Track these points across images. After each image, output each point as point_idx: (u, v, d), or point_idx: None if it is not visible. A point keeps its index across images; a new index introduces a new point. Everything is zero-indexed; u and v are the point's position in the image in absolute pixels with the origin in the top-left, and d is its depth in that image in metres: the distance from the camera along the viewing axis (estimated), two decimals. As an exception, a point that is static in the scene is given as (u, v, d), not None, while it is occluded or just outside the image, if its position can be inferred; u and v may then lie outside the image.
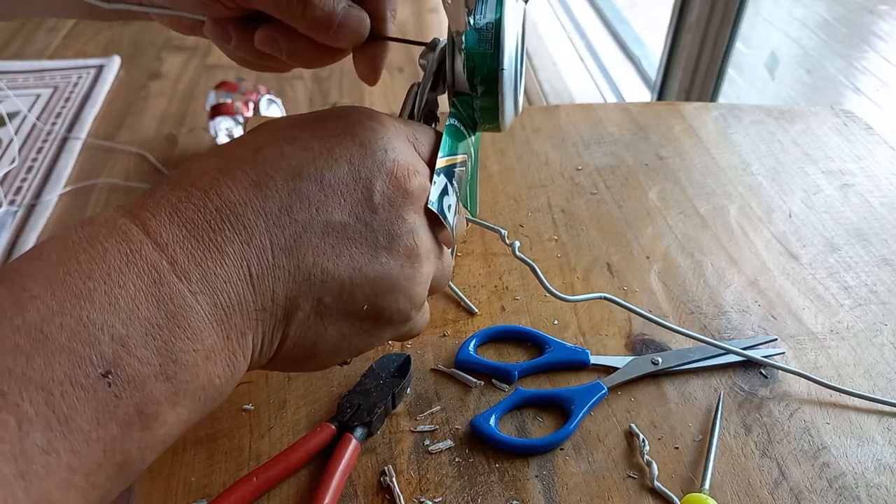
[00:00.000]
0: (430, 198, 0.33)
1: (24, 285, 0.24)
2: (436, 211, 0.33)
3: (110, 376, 0.24)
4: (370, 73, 0.38)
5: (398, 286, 0.32)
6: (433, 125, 0.38)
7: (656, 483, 0.40)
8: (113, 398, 0.24)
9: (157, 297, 0.25)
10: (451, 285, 0.54)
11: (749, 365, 0.48)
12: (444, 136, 0.36)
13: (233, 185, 0.28)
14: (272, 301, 0.29)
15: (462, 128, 0.37)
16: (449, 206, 0.35)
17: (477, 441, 0.43)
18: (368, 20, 0.36)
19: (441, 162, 0.35)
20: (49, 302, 0.23)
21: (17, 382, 0.22)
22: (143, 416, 0.25)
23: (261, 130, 0.31)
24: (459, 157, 0.37)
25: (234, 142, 0.31)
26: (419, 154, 0.34)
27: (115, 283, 0.25)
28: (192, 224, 0.27)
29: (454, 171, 0.36)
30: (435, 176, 0.34)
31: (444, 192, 0.35)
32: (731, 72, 1.38)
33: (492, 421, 0.43)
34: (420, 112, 0.38)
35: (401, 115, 0.38)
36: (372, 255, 0.31)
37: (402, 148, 0.32)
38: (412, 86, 0.39)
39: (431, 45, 0.38)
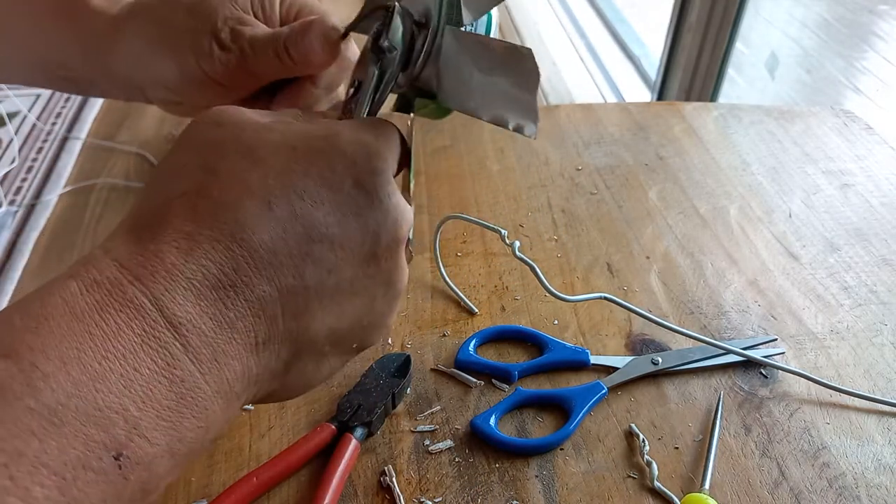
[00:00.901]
0: None
1: (34, 361, 0.23)
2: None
3: (122, 458, 0.23)
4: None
5: (384, 324, 0.33)
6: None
7: (656, 483, 0.40)
8: (122, 480, 0.24)
9: (170, 380, 0.25)
10: (451, 285, 0.54)
11: (749, 365, 0.48)
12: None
13: (247, 255, 0.27)
14: (275, 362, 0.28)
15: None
16: None
17: (477, 441, 0.43)
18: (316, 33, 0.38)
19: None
20: (63, 383, 0.23)
21: (28, 465, 0.21)
22: (145, 492, 0.25)
23: (253, 164, 0.28)
24: None
25: (233, 181, 0.28)
26: (394, 168, 0.33)
27: (131, 365, 0.24)
28: (206, 301, 0.26)
29: None
30: None
31: None
32: (731, 72, 1.38)
33: (492, 421, 0.43)
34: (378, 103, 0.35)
35: (353, 99, 0.36)
36: (370, 304, 0.31)
37: (394, 182, 0.31)
38: (363, 67, 0.35)
39: (382, 16, 0.33)
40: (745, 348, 0.48)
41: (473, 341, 0.49)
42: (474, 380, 0.47)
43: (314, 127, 0.30)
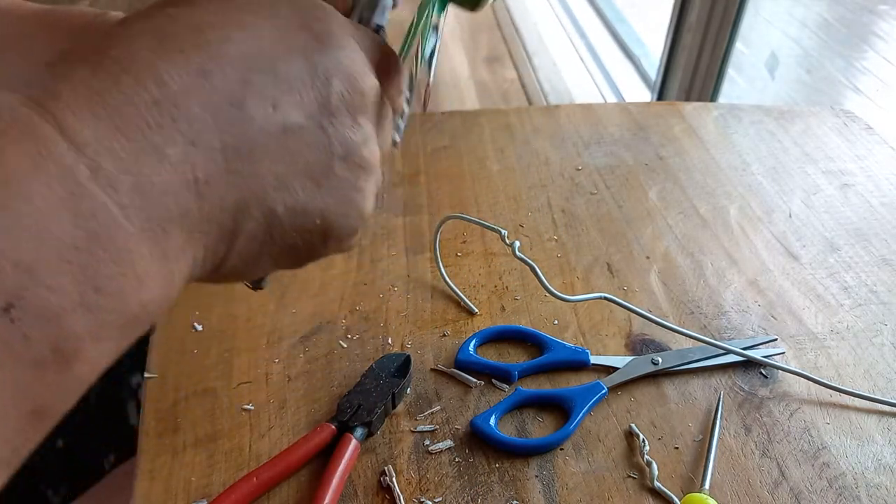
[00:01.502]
0: (423, 52, 0.34)
1: None
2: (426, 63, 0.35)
3: (13, 311, 0.19)
4: None
5: (352, 199, 0.29)
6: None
7: (656, 483, 0.40)
8: (20, 337, 0.19)
9: (75, 213, 0.20)
10: (451, 285, 0.54)
11: (749, 365, 0.48)
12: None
13: (174, 72, 0.22)
14: (220, 210, 0.24)
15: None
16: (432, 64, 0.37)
17: (477, 441, 0.43)
18: None
19: (434, 19, 0.35)
20: None
21: None
22: (60, 355, 0.20)
23: (199, 3, 0.25)
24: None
25: (164, 13, 0.25)
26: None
27: (18, 195, 0.19)
28: (122, 119, 0.21)
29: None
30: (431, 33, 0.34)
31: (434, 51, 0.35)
32: (731, 72, 1.38)
33: (492, 421, 0.43)
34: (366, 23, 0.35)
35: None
36: (327, 164, 0.27)
37: (356, 46, 0.28)
38: None
39: None
40: (745, 348, 0.48)
41: (473, 341, 0.49)
42: (474, 380, 0.47)
43: None
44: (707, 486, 0.40)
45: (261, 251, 0.27)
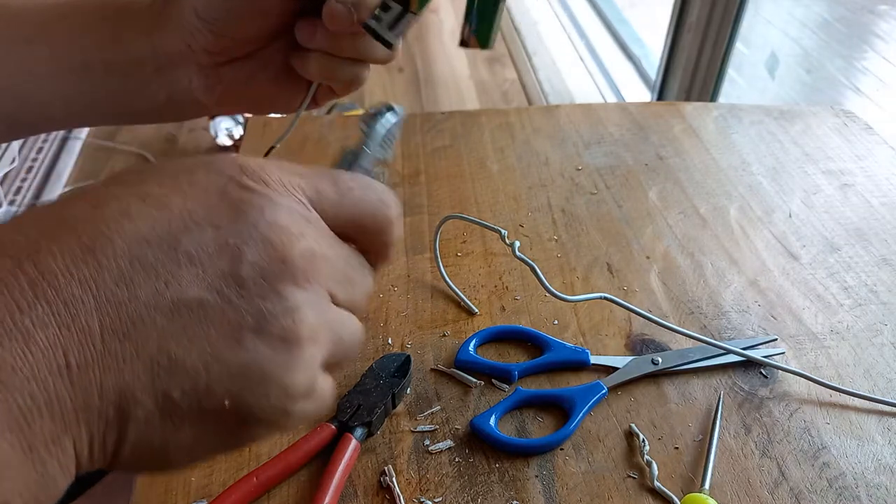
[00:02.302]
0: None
1: None
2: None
3: None
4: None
5: (269, 377, 0.25)
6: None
7: (656, 483, 0.40)
8: None
9: None
10: (451, 285, 0.54)
11: (749, 365, 0.48)
12: None
13: (57, 251, 0.21)
14: (99, 398, 0.22)
15: None
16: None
17: (477, 441, 0.43)
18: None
19: None
20: None
21: None
22: None
23: (114, 181, 0.25)
24: None
25: (74, 194, 0.24)
26: (322, 209, 0.27)
27: None
28: None
29: None
30: None
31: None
32: (731, 72, 1.38)
33: (492, 421, 0.43)
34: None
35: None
36: (235, 339, 0.24)
37: (289, 205, 0.25)
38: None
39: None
40: (745, 348, 0.48)
41: (473, 341, 0.49)
42: (474, 380, 0.47)
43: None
44: (707, 486, 0.40)
45: (165, 439, 0.24)
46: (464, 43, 0.41)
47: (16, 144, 2.03)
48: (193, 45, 0.41)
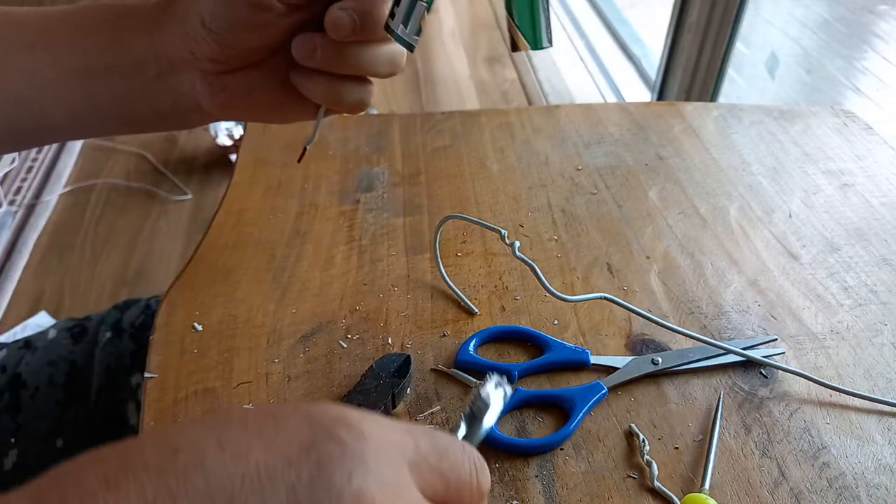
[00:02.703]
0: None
1: None
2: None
3: None
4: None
5: None
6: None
7: (656, 483, 0.40)
8: None
9: None
10: (451, 285, 0.54)
11: (749, 365, 0.48)
12: None
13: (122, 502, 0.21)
14: None
15: None
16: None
17: (477, 441, 0.43)
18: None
19: None
20: None
21: None
22: None
23: (203, 418, 0.24)
24: None
25: (160, 435, 0.23)
26: (420, 471, 0.25)
27: None
28: None
29: None
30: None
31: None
32: (731, 72, 1.38)
33: (492, 421, 0.43)
34: None
35: None
36: None
37: (380, 472, 0.23)
38: None
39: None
40: (745, 348, 0.48)
41: (473, 341, 0.49)
42: (474, 380, 0.47)
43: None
44: (707, 486, 0.40)
45: None
46: (514, 47, 0.40)
47: (16, 144, 2.03)
48: (197, 52, 0.41)
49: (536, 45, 0.39)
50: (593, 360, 0.48)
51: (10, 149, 0.48)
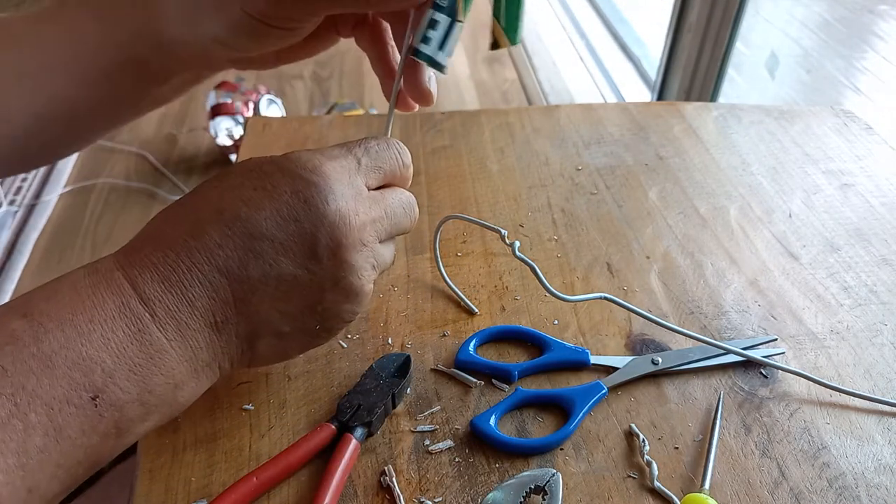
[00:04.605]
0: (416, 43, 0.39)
1: (41, 321, 0.30)
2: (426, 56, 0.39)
3: (98, 400, 0.30)
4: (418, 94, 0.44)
5: (345, 311, 0.38)
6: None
7: (656, 483, 0.40)
8: (97, 416, 0.30)
9: (140, 342, 0.32)
10: (451, 285, 0.54)
11: (749, 365, 0.48)
12: None
13: (201, 249, 0.33)
14: (236, 338, 0.35)
15: None
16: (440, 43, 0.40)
17: (477, 441, 0.43)
18: None
19: None
20: (59, 337, 0.30)
21: (27, 397, 0.28)
22: (119, 430, 0.32)
23: (221, 182, 0.36)
24: None
25: (201, 199, 0.36)
26: (366, 176, 0.39)
27: (109, 328, 0.31)
28: (168, 282, 0.33)
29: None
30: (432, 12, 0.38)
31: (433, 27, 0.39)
32: (731, 72, 1.38)
33: (492, 421, 0.43)
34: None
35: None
36: (319, 295, 0.36)
37: (342, 193, 0.36)
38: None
39: None
40: (745, 348, 0.48)
41: (473, 341, 0.49)
42: (474, 380, 0.47)
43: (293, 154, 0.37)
44: (707, 486, 0.40)
45: (279, 351, 0.38)
46: (495, 45, 0.41)
47: (16, 144, 2.03)
48: (218, 58, 0.44)
49: (515, 42, 0.41)
50: (593, 360, 0.48)
51: (44, 157, 0.51)
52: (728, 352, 0.48)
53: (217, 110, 1.86)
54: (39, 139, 0.46)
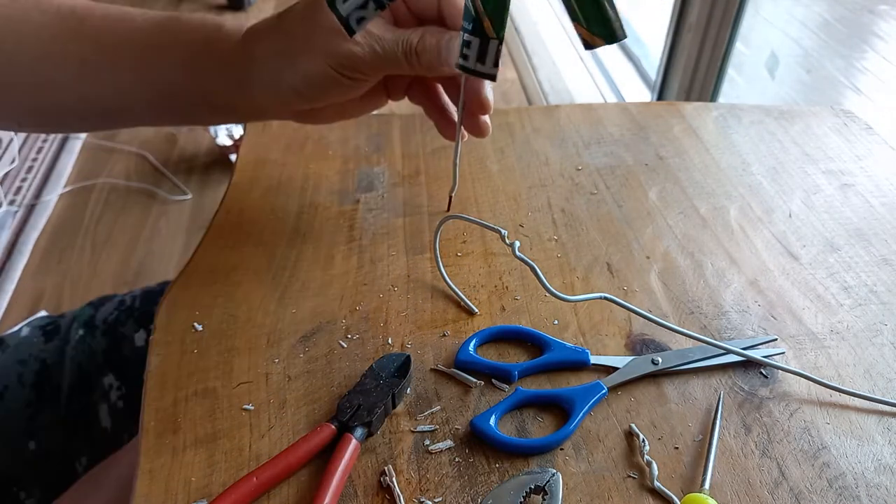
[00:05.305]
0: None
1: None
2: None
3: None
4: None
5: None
6: None
7: (656, 483, 0.40)
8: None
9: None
10: (451, 285, 0.54)
11: (749, 365, 0.48)
12: None
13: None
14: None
15: None
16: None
17: (477, 441, 0.43)
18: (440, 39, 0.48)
19: None
20: (201, 31, 0.51)
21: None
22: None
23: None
24: None
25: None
26: None
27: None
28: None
29: None
30: None
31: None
32: (731, 72, 1.38)
33: (492, 421, 0.43)
34: None
35: None
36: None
37: None
38: None
39: None
40: (745, 348, 0.48)
41: (473, 341, 0.49)
42: (474, 380, 0.47)
43: None
44: (707, 486, 0.40)
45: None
46: (588, 45, 0.40)
47: (16, 144, 2.03)
48: (289, 107, 0.52)
49: (612, 39, 0.39)
50: (593, 360, 0.48)
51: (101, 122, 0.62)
52: (728, 352, 0.48)
53: (217, 110, 1.86)
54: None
